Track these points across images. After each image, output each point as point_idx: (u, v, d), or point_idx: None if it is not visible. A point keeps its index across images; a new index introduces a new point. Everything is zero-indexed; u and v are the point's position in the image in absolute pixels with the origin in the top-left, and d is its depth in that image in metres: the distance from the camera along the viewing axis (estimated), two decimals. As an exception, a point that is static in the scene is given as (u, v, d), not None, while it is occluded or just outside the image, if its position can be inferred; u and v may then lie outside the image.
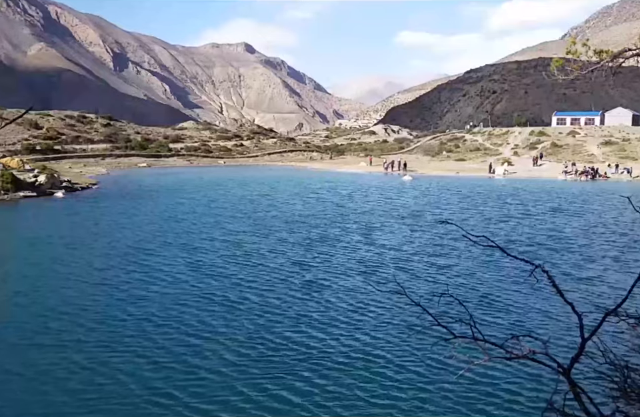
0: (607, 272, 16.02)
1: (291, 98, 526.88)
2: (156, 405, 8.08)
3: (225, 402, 8.21)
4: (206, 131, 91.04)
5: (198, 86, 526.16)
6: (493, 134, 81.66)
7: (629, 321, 4.63)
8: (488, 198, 35.17)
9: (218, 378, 8.94)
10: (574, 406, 4.40)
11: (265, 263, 16.90)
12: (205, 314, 12.02)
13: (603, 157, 62.54)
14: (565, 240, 20.79)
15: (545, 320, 11.80)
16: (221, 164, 68.42)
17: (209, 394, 8.42)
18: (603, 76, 5.94)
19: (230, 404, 8.15)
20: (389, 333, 11.02)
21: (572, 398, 4.26)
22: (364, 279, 15.11)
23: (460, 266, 16.77)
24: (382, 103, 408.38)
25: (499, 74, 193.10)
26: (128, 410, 7.94)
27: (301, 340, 10.60)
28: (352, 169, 61.45)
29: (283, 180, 46.30)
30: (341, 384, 8.77)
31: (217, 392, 8.49)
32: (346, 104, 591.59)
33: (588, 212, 28.90)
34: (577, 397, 4.50)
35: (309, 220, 25.40)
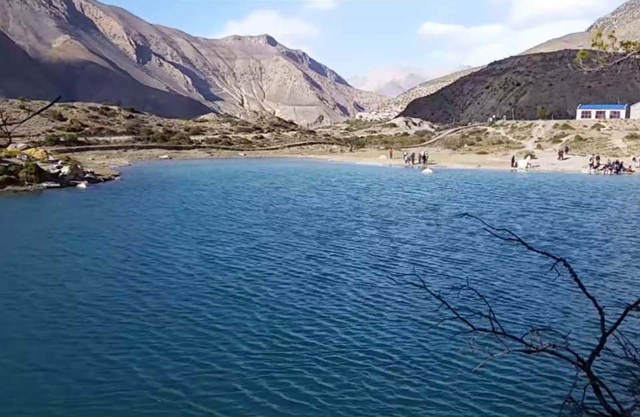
0: (627, 268, 15.77)
1: (311, 91, 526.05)
2: (169, 397, 8.09)
3: (238, 395, 8.20)
4: (226, 123, 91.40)
5: (219, 78, 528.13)
6: (515, 127, 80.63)
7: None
8: (509, 192, 34.79)
9: (232, 371, 8.93)
10: (593, 399, 4.37)
11: (279, 256, 16.85)
12: (219, 307, 12.01)
13: (627, 151, 61.39)
14: (585, 235, 20.50)
15: (565, 315, 11.68)
16: (241, 157, 68.66)
17: (222, 387, 8.41)
18: (629, 69, 5.83)
19: (243, 397, 8.14)
20: (407, 326, 10.99)
21: (591, 391, 4.23)
22: (379, 273, 15.02)
23: (478, 260, 16.63)
24: (403, 95, 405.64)
25: (523, 66, 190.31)
26: (142, 402, 7.96)
27: (316, 333, 10.56)
28: (372, 162, 61.22)
29: (300, 173, 46.29)
30: (358, 377, 8.75)
31: (231, 385, 8.48)
32: (367, 97, 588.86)
33: (609, 207, 28.45)
34: (596, 391, 4.47)
35: (325, 213, 25.32)
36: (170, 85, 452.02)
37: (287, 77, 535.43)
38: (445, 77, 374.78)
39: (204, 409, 7.82)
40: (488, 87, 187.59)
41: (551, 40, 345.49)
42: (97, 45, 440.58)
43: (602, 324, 4.61)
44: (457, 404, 8.04)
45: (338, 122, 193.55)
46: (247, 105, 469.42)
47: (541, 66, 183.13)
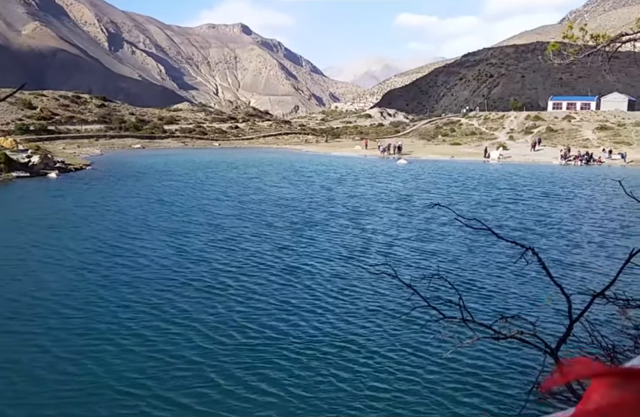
0: (594, 257, 16.17)
1: (287, 81, 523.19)
2: (140, 389, 7.97)
3: (210, 387, 8.10)
4: (201, 113, 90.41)
5: (193, 67, 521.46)
6: (488, 118, 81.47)
7: (617, 303, 4.71)
8: (480, 182, 35.23)
9: (203, 363, 8.84)
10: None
11: (250, 247, 16.71)
12: (186, 300, 11.83)
13: (597, 142, 62.57)
14: (553, 225, 20.91)
15: (534, 303, 11.94)
16: (216, 147, 68.11)
17: (193, 380, 8.32)
18: (599, 61, 5.93)
19: (215, 390, 8.05)
20: (379, 316, 11.09)
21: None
22: (352, 264, 15.05)
23: (449, 250, 16.85)
24: (378, 86, 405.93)
25: (496, 58, 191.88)
26: (113, 394, 7.82)
27: (288, 325, 10.53)
28: (347, 152, 61.30)
29: (275, 163, 46.10)
30: (330, 368, 8.79)
31: (202, 377, 8.39)
32: (342, 87, 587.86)
33: (578, 197, 29.05)
34: (563, 377, 4.58)
35: (298, 204, 25.27)
36: (143, 73, 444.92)
37: (262, 67, 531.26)
38: (419, 68, 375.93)
39: (176, 400, 7.74)
40: (462, 79, 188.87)
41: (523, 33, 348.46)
42: (67, 32, 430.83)
43: (569, 312, 4.72)
44: (427, 391, 8.18)
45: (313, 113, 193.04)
46: (221, 95, 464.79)
47: (514, 58, 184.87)
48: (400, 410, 7.64)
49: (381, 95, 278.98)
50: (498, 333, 4.62)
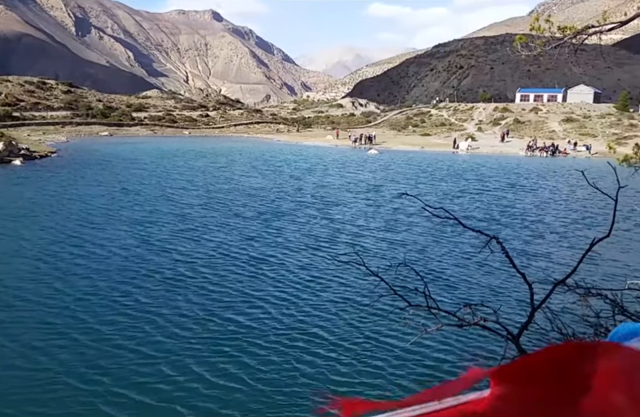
0: (556, 247, 16.56)
1: (258, 69, 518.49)
2: (98, 385, 7.73)
3: (172, 381, 7.91)
4: (170, 100, 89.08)
5: (163, 53, 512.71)
6: (458, 109, 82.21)
7: (578, 291, 4.85)
8: (449, 173, 35.65)
9: (165, 357, 8.62)
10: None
11: (215, 238, 16.52)
12: (148, 292, 11.58)
13: (563, 134, 63.73)
14: (517, 216, 21.31)
15: (497, 291, 12.22)
16: (186, 135, 67.32)
17: (155, 374, 8.09)
18: (566, 53, 6.03)
19: (178, 384, 7.87)
20: (345, 305, 11.15)
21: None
22: (319, 254, 15.05)
23: (416, 240, 17.05)
24: (350, 76, 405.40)
25: (466, 49, 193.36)
26: (70, 390, 7.64)
27: (254, 316, 10.41)
28: (318, 142, 61.24)
29: (245, 153, 45.81)
30: (296, 359, 8.79)
31: (164, 371, 8.18)
32: (314, 77, 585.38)
33: (542, 188, 29.65)
34: (524, 363, 4.73)
35: (267, 193, 25.15)
36: (111, 59, 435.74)
37: (233, 54, 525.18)
38: (390, 59, 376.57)
39: (134, 397, 7.52)
40: (432, 70, 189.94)
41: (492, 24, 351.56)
42: (33, 17, 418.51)
43: (531, 299, 4.86)
44: (391, 379, 8.33)
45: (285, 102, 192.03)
46: (191, 82, 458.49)
47: (483, 49, 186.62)
48: (368, 390, 7.79)
49: (352, 85, 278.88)
50: (462, 320, 4.73)
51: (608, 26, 5.64)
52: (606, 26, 5.67)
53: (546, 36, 5.88)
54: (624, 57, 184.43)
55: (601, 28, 5.68)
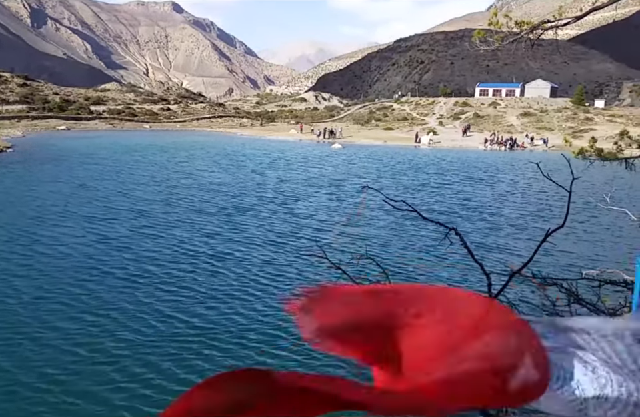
0: (513, 239, 17.00)
1: (220, 62, 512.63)
2: (44, 393, 7.45)
3: (123, 388, 7.68)
4: (130, 93, 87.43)
5: (122, 45, 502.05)
6: (419, 103, 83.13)
7: (534, 281, 5.02)
8: (410, 167, 36.09)
9: (117, 361, 8.39)
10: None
11: (176, 234, 16.24)
12: (108, 291, 11.29)
13: (521, 128, 65.15)
14: (475, 209, 21.76)
15: (457, 281, 12.50)
16: (146, 129, 66.25)
17: (107, 379, 7.88)
18: (523, 48, 6.13)
19: (129, 390, 7.64)
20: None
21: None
22: (280, 249, 15.00)
23: (378, 233, 17.26)
24: (313, 70, 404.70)
25: (426, 44, 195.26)
26: (13, 400, 7.26)
27: (214, 316, 10.23)
28: (282, 136, 61.10)
29: (206, 147, 45.35)
30: (258, 358, 8.74)
31: (115, 377, 7.96)
32: (277, 70, 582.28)
33: (500, 181, 30.33)
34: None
35: (227, 189, 24.94)
36: (68, 52, 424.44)
37: (194, 47, 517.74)
38: (353, 53, 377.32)
39: (98, 397, 7.36)
40: (394, 64, 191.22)
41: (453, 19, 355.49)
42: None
43: (489, 289, 5.00)
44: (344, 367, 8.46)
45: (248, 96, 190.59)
46: (152, 75, 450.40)
47: (443, 44, 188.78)
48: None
49: (315, 79, 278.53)
50: (422, 311, 4.86)
51: (563, 21, 5.77)
52: (561, 21, 5.79)
53: (504, 31, 5.99)
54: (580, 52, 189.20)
55: (557, 23, 5.81)
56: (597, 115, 67.58)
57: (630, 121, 61.23)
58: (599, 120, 64.74)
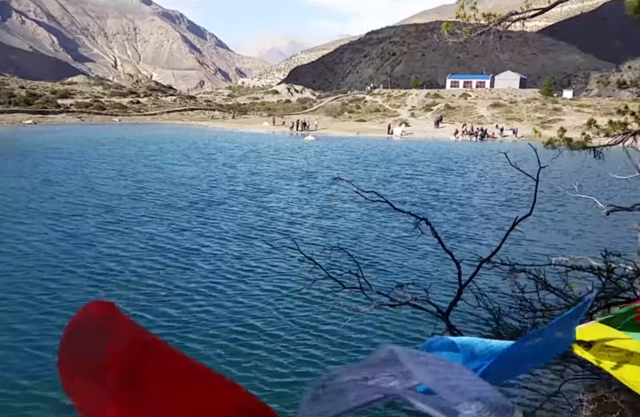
0: (483, 228, 17.22)
1: (191, 54, 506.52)
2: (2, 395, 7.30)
3: None
4: (98, 87, 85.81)
5: (89, 38, 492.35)
6: (391, 95, 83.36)
7: (503, 268, 5.06)
8: (382, 158, 36.21)
9: None
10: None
11: (144, 230, 15.96)
12: (72, 289, 11.03)
13: (491, 119, 65.80)
14: (446, 199, 21.97)
15: (428, 270, 12.63)
16: (116, 122, 65.17)
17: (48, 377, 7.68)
18: (491, 40, 6.15)
19: None
20: (280, 293, 11.16)
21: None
22: (252, 243, 14.90)
23: (350, 224, 17.30)
24: (285, 62, 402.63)
25: (398, 36, 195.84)
26: None
27: (185, 310, 10.11)
28: (254, 129, 60.71)
29: (177, 140, 44.76)
30: (231, 351, 8.69)
31: None
32: (249, 63, 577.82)
33: (471, 171, 30.67)
34: (454, 339, 4.90)
35: (198, 182, 24.66)
36: (34, 45, 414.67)
37: (164, 39, 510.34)
38: (325, 45, 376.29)
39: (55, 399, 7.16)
40: (366, 56, 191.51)
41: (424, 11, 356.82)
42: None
43: (459, 277, 5.03)
44: (326, 352, 8.50)
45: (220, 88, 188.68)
46: (120, 68, 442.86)
47: (415, 36, 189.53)
48: (302, 379, 7.88)
49: (288, 71, 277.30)
50: (394, 300, 4.86)
51: (530, 13, 5.79)
52: (528, 12, 5.82)
53: (472, 24, 6.00)
54: (548, 44, 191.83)
55: (524, 15, 5.83)
56: (565, 106, 68.62)
57: (597, 111, 62.27)
58: (567, 111, 65.74)
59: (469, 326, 8.61)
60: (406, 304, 4.85)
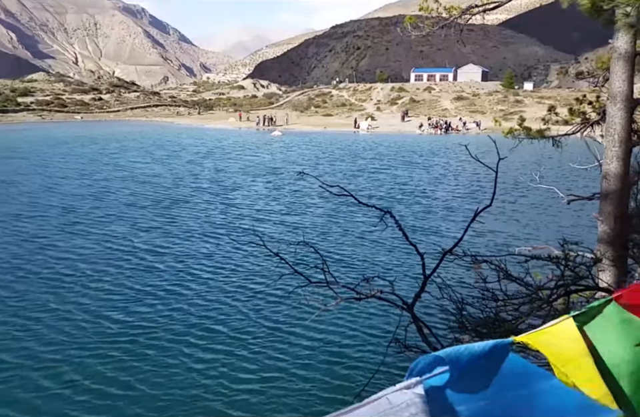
0: (446, 220, 17.50)
1: (154, 50, 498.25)
2: None
3: (52, 394, 7.40)
4: (59, 84, 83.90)
5: (49, 34, 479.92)
6: (357, 90, 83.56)
7: (466, 259, 5.16)
8: (349, 153, 36.38)
9: (44, 366, 8.08)
10: (418, 339, 4.88)
11: (105, 231, 15.65)
12: (30, 291, 10.83)
13: (455, 112, 66.56)
14: (410, 192, 22.20)
15: (394, 263, 12.79)
16: (78, 120, 63.83)
17: (27, 383, 7.64)
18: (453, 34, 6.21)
19: (61, 396, 7.39)
20: (246, 290, 11.13)
21: (415, 330, 4.72)
22: (216, 241, 14.79)
23: (315, 219, 17.37)
24: (250, 57, 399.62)
25: (362, 30, 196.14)
26: None
27: (148, 313, 9.96)
28: (221, 125, 60.21)
29: (139, 138, 44.12)
30: (196, 354, 8.62)
31: (42, 383, 7.65)
32: (213, 58, 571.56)
33: (435, 164, 31.05)
34: (419, 330, 5.00)
35: (159, 180, 24.31)
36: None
37: (125, 34, 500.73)
38: (290, 39, 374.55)
39: (21, 400, 7.13)
40: (331, 50, 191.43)
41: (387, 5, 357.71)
42: None
43: (423, 269, 5.13)
44: (295, 346, 8.59)
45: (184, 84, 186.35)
46: (81, 64, 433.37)
47: (379, 30, 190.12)
48: (272, 374, 7.92)
49: (253, 66, 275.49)
50: (360, 294, 4.93)
51: (490, 5, 5.88)
52: (488, 5, 5.90)
53: (435, 17, 6.06)
54: (509, 36, 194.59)
55: (484, 8, 5.91)
56: (526, 97, 69.83)
57: (558, 102, 63.38)
58: (529, 103, 66.92)
59: (434, 317, 8.78)
60: (372, 297, 4.93)
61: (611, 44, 4.81)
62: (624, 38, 4.63)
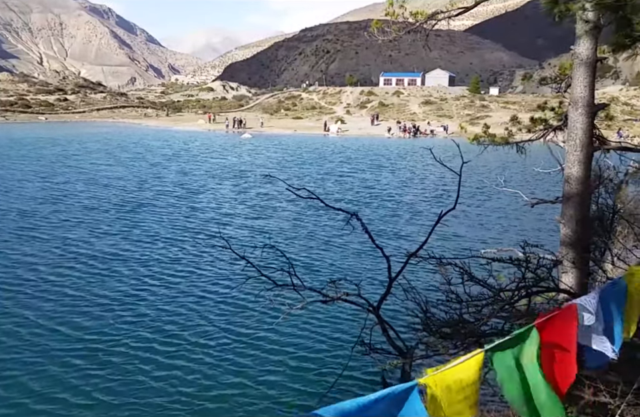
0: (412, 223, 17.60)
1: (121, 50, 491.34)
2: None
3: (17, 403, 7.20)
4: (23, 84, 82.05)
5: (13, 34, 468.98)
6: (327, 93, 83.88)
7: (430, 261, 5.22)
8: (318, 156, 36.44)
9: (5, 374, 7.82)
10: (383, 340, 4.92)
11: (62, 235, 15.18)
12: None
13: (423, 115, 67.34)
14: (377, 196, 22.31)
15: (360, 266, 12.83)
16: (42, 121, 62.54)
17: None
18: (419, 39, 6.27)
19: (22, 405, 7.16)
20: (212, 295, 11.02)
21: (381, 333, 4.76)
22: (182, 245, 14.55)
23: (281, 223, 17.29)
24: (219, 59, 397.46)
25: (332, 34, 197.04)
26: None
27: (105, 320, 9.69)
28: (189, 127, 59.72)
29: (103, 139, 43.33)
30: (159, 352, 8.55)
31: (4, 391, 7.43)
32: (182, 59, 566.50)
33: (403, 168, 31.30)
34: (384, 331, 5.04)
35: (122, 183, 23.84)
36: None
37: (91, 34, 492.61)
38: (260, 42, 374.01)
39: None
40: (301, 54, 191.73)
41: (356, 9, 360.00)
42: None
43: (389, 272, 5.17)
44: (258, 349, 8.51)
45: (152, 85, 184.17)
46: (46, 64, 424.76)
47: (348, 34, 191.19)
48: (236, 380, 7.85)
49: (222, 68, 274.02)
50: (326, 296, 4.95)
51: (455, 11, 5.95)
52: (454, 11, 5.98)
53: (401, 22, 6.11)
54: (474, 42, 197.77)
55: (449, 14, 5.98)
56: (492, 102, 71.08)
57: (522, 107, 64.78)
58: (494, 107, 68.12)
59: (399, 319, 8.84)
60: (337, 299, 4.95)
61: (573, 50, 4.92)
62: (585, 44, 4.75)
